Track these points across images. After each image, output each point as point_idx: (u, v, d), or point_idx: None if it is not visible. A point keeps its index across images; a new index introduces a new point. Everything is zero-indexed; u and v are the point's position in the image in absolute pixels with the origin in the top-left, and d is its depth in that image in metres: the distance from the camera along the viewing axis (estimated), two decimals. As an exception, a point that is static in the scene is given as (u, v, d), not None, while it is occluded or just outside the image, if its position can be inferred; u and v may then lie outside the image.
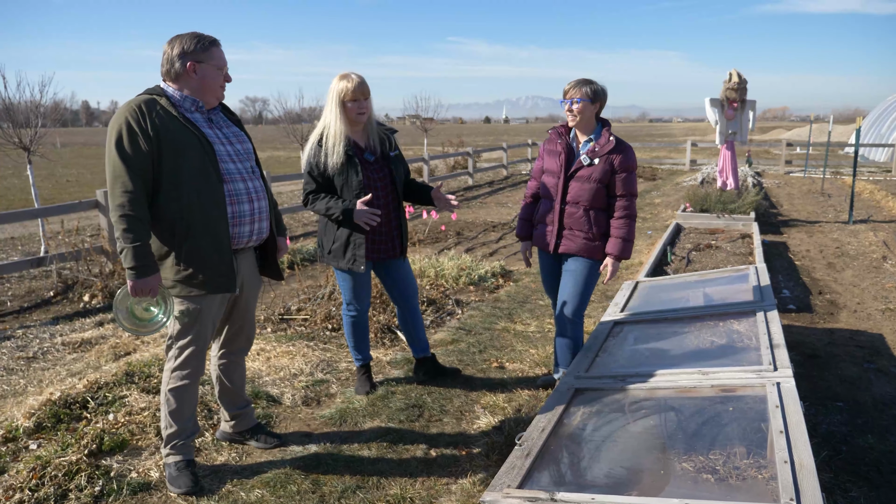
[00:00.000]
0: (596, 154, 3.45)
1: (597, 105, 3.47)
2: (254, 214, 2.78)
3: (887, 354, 4.55)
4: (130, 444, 3.18)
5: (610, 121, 3.61)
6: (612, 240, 3.49)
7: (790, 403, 2.53)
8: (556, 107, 3.78)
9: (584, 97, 3.42)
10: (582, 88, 3.43)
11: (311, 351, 4.49)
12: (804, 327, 5.17)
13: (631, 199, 3.49)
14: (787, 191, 14.50)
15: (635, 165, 3.51)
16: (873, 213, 11.05)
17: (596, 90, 3.45)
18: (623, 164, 3.44)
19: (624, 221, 3.47)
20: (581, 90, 3.42)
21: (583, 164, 3.46)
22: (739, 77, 9.51)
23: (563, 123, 3.64)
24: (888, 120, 23.60)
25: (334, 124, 3.41)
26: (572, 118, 3.48)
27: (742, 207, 9.06)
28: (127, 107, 2.52)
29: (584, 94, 3.42)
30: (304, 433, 3.39)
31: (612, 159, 3.44)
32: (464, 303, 5.74)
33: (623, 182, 3.46)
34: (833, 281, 6.66)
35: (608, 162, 3.43)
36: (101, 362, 4.42)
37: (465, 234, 9.54)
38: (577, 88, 3.43)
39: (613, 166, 3.44)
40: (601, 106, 3.50)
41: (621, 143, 3.49)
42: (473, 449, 3.23)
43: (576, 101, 3.42)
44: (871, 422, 3.53)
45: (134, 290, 2.54)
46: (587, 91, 3.42)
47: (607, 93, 3.53)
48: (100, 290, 6.00)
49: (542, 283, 3.88)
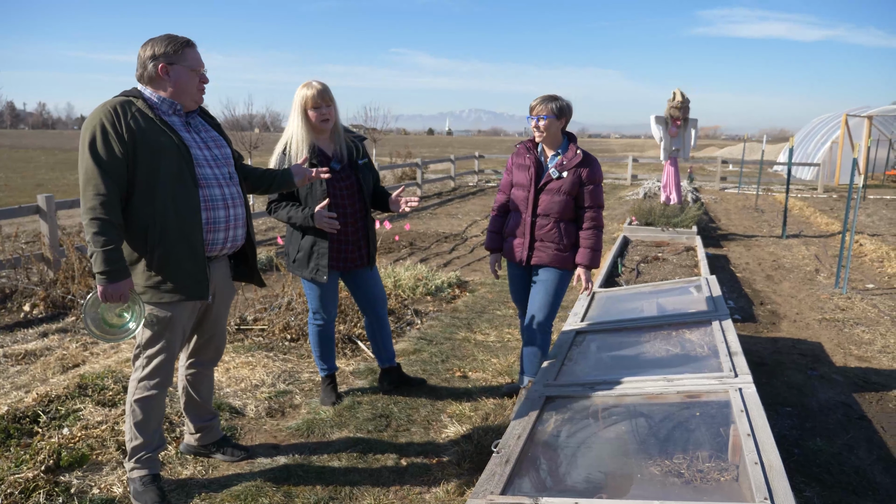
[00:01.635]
0: (564, 167, 3.54)
1: (563, 121, 3.56)
2: (229, 221, 2.73)
3: (827, 362, 4.80)
4: (90, 458, 3.06)
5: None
6: (582, 250, 3.58)
7: (754, 408, 2.65)
8: (500, 120, 3.89)
9: (550, 114, 3.50)
10: (548, 105, 3.51)
11: (272, 362, 4.42)
12: (750, 336, 5.40)
13: (598, 210, 3.60)
14: (724, 206, 15.11)
15: (601, 178, 3.62)
16: (804, 229, 11.62)
17: (562, 106, 3.53)
18: (590, 176, 3.55)
19: (592, 232, 3.57)
20: (547, 107, 3.50)
21: (552, 177, 3.54)
22: (683, 96, 9.89)
23: (530, 138, 3.72)
24: (813, 140, 24.92)
25: (297, 133, 3.42)
26: (539, 134, 3.56)
27: (685, 221, 9.39)
28: (102, 109, 2.45)
29: (549, 110, 3.50)
30: (271, 445, 3.33)
31: (580, 172, 3.54)
32: (422, 313, 5.76)
33: (591, 194, 3.56)
34: (773, 292, 6.98)
35: (576, 174, 3.53)
36: (49, 375, 4.23)
37: (418, 244, 9.56)
38: (544, 105, 3.51)
39: (581, 178, 3.53)
40: (567, 121, 3.60)
41: (588, 156, 3.60)
42: (444, 458, 3.24)
43: (542, 118, 3.50)
44: (818, 426, 3.72)
45: (104, 295, 2.46)
46: (553, 108, 3.50)
47: (572, 108, 3.63)
48: (41, 299, 5.74)
49: (511, 294, 3.94)
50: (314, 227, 3.42)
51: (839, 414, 3.88)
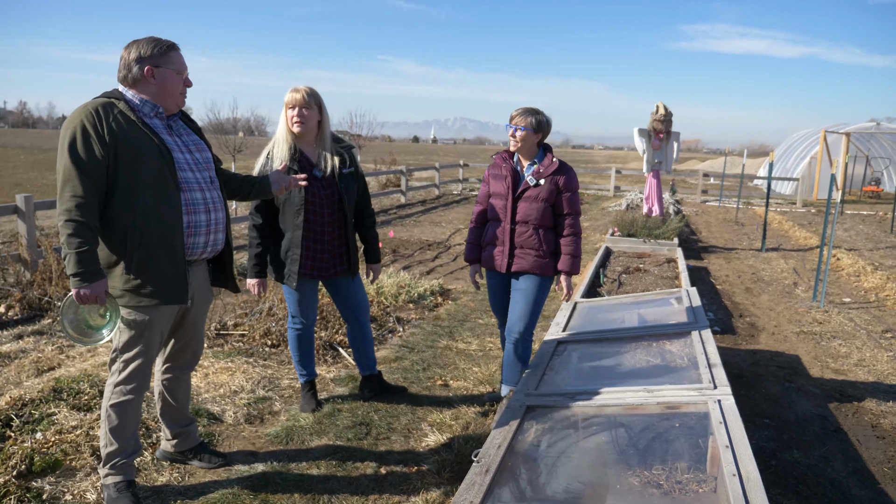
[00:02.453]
0: (541, 175, 3.59)
1: (539, 135, 3.63)
2: (210, 225, 2.71)
3: (804, 374, 4.86)
4: (63, 464, 3.01)
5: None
6: (564, 257, 3.63)
7: (732, 420, 2.67)
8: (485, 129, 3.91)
9: (528, 126, 3.56)
10: (527, 118, 3.57)
11: (251, 367, 4.38)
12: (729, 348, 5.45)
13: (576, 217, 3.66)
14: (705, 219, 15.26)
15: (577, 185, 3.69)
16: (783, 242, 11.77)
17: (540, 121, 3.60)
18: (567, 183, 3.60)
19: (572, 239, 3.63)
20: (526, 119, 3.57)
21: (529, 184, 3.59)
22: (665, 109, 10.00)
23: (506, 149, 3.78)
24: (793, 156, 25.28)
25: (278, 133, 3.45)
26: (514, 144, 3.63)
27: (667, 233, 9.47)
28: (83, 109, 2.42)
29: (528, 123, 3.57)
30: (249, 452, 3.30)
31: (557, 180, 3.59)
32: (405, 321, 5.74)
33: (568, 201, 3.62)
34: (752, 305, 7.05)
35: (553, 182, 3.58)
36: (23, 378, 4.16)
37: (401, 251, 9.55)
38: (523, 117, 3.58)
39: (558, 186, 3.59)
40: (544, 136, 3.67)
41: (564, 164, 3.66)
42: (423, 466, 3.22)
43: (520, 129, 3.57)
44: (795, 438, 3.76)
45: (79, 297, 2.42)
46: (532, 121, 3.57)
47: (551, 124, 3.71)
48: (17, 300, 5.64)
49: (491, 303, 3.95)
50: (291, 233, 3.43)
51: (816, 426, 3.92)
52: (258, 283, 3.55)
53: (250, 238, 3.53)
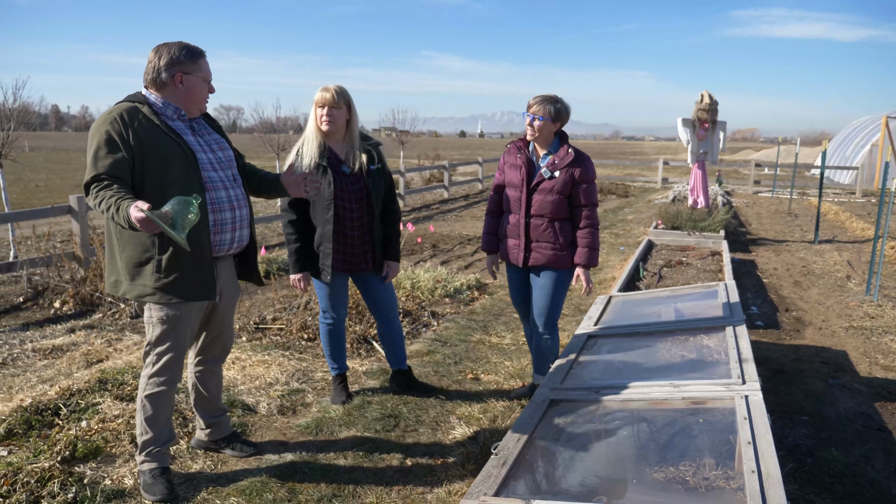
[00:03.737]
0: (556, 167, 3.55)
1: (557, 124, 3.58)
2: (235, 222, 2.79)
3: (850, 370, 4.70)
4: (104, 451, 3.16)
5: (583, 137, 3.71)
6: (580, 250, 3.59)
7: (758, 416, 2.61)
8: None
9: (546, 116, 3.51)
10: (545, 107, 3.52)
11: (287, 360, 4.49)
12: (771, 343, 5.30)
13: (593, 208, 3.61)
14: (756, 210, 14.84)
15: (594, 176, 3.63)
16: (838, 234, 11.36)
17: (559, 110, 3.54)
18: (583, 175, 3.55)
19: (588, 231, 3.59)
20: (544, 108, 3.52)
21: (544, 176, 3.56)
22: (711, 98, 9.75)
23: (521, 137, 3.74)
24: (852, 143, 24.31)
25: (308, 131, 3.54)
26: (531, 133, 3.59)
27: (712, 226, 9.26)
28: (108, 116, 2.53)
29: (546, 112, 3.51)
30: (279, 442, 3.39)
31: (573, 171, 3.54)
32: (439, 315, 5.78)
33: (584, 192, 3.57)
34: (799, 299, 6.84)
35: (569, 174, 3.54)
36: (73, 369, 4.37)
37: (440, 246, 9.60)
38: (541, 106, 3.52)
39: (574, 178, 3.54)
40: (562, 125, 3.61)
41: (580, 154, 3.60)
42: (449, 459, 3.26)
43: (537, 119, 3.52)
44: (835, 435, 3.64)
45: (142, 225, 2.29)
46: (550, 110, 3.51)
47: (570, 112, 3.64)
48: (71, 296, 5.91)
49: (511, 296, 3.96)
50: (322, 228, 3.52)
51: (858, 424, 3.79)
52: (301, 277, 3.62)
53: (286, 235, 3.61)
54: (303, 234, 3.59)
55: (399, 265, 3.83)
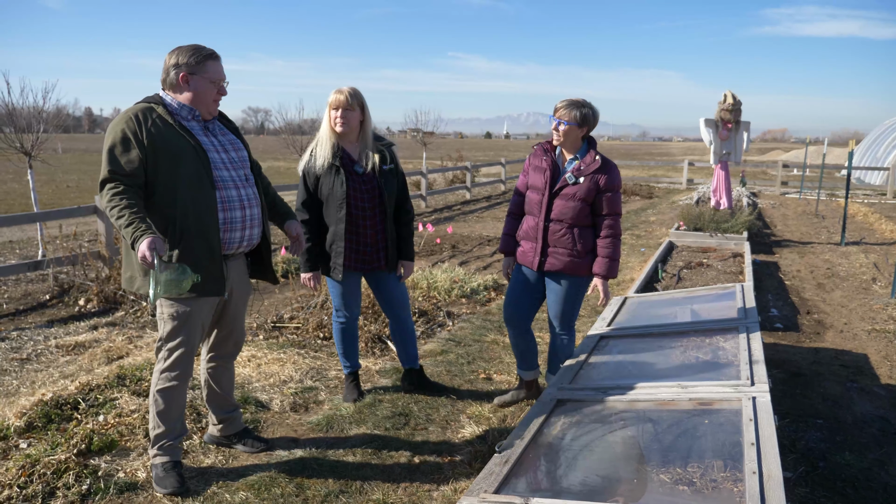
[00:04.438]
0: (581, 173, 3.46)
1: (584, 129, 3.46)
2: (245, 221, 2.85)
3: (870, 374, 4.62)
4: (119, 444, 3.24)
5: (610, 139, 3.65)
6: (600, 259, 3.50)
7: (764, 417, 2.59)
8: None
9: (573, 121, 3.41)
10: (572, 112, 3.41)
11: (302, 359, 4.55)
12: (790, 346, 5.23)
13: (616, 218, 3.51)
14: (782, 211, 14.61)
15: (620, 185, 3.53)
16: (866, 236, 11.14)
17: (585, 115, 3.42)
18: (608, 183, 3.45)
19: (610, 241, 3.49)
20: (570, 113, 3.41)
21: (568, 182, 3.47)
22: (734, 98, 9.64)
23: (548, 140, 3.65)
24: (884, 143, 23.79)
25: (322, 132, 3.59)
26: (557, 137, 3.50)
27: (735, 227, 9.15)
28: (124, 116, 2.61)
29: (572, 117, 3.41)
30: (290, 438, 3.44)
31: (598, 178, 3.44)
32: (455, 315, 5.80)
33: (608, 201, 3.47)
34: (822, 301, 6.73)
35: (593, 181, 3.44)
36: (94, 365, 4.47)
37: (460, 247, 9.62)
38: (568, 111, 3.42)
39: (599, 186, 3.45)
40: (589, 130, 3.49)
41: (607, 162, 3.50)
42: (456, 457, 3.28)
43: (563, 123, 3.42)
44: (850, 439, 3.59)
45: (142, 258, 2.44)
46: (576, 115, 3.40)
47: (598, 117, 3.50)
48: (95, 294, 6.05)
49: (507, 291, 3.81)
50: (334, 227, 3.56)
51: (874, 428, 3.73)
52: (312, 276, 3.68)
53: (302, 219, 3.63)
54: (315, 234, 3.64)
55: (413, 264, 3.87)
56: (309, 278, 3.68)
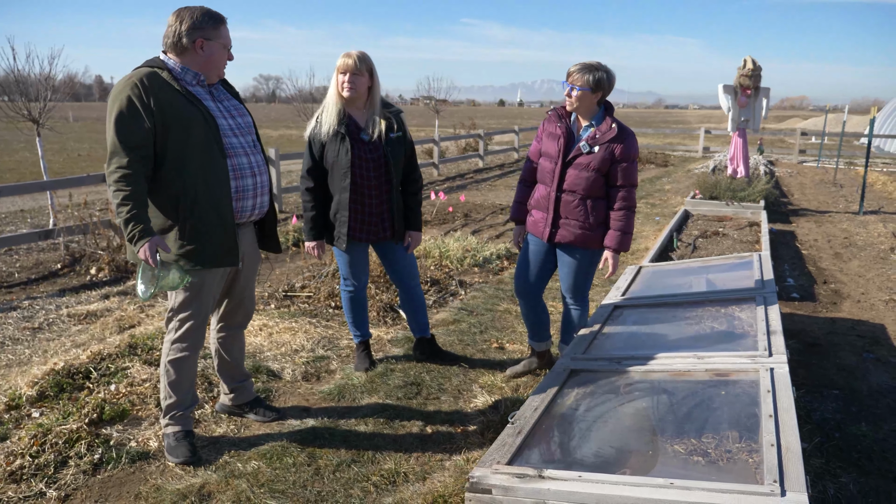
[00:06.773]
0: (596, 141, 3.31)
1: (598, 94, 3.29)
2: (256, 189, 2.80)
3: (887, 344, 4.54)
4: (131, 413, 3.24)
5: (625, 106, 3.50)
6: (612, 232, 3.38)
7: (782, 388, 2.54)
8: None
9: (585, 86, 3.24)
10: (584, 76, 3.24)
11: (314, 328, 4.54)
12: (806, 316, 5.16)
13: (631, 189, 3.36)
14: (800, 180, 14.37)
15: (637, 154, 3.37)
16: (885, 205, 10.94)
17: (599, 79, 3.24)
18: (624, 153, 3.30)
19: (623, 213, 3.35)
20: (583, 77, 3.24)
21: (582, 151, 3.33)
22: (754, 64, 9.40)
23: (563, 105, 3.47)
24: (906, 110, 23.29)
25: (328, 98, 3.50)
26: (570, 104, 3.34)
27: (752, 195, 9.00)
28: (128, 81, 2.51)
29: (584, 82, 3.24)
30: (302, 408, 3.44)
31: (613, 148, 3.30)
32: (467, 284, 5.76)
33: (623, 172, 3.32)
34: (839, 271, 6.62)
35: (608, 150, 3.30)
36: (106, 334, 4.48)
37: (472, 216, 9.55)
38: (580, 75, 3.25)
39: (614, 155, 3.30)
40: (604, 95, 3.32)
41: (623, 130, 3.34)
42: (469, 427, 3.26)
43: (576, 89, 3.26)
44: (865, 410, 3.54)
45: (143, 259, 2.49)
46: (588, 79, 3.23)
47: (613, 81, 3.32)
48: (106, 263, 6.06)
49: (518, 262, 3.73)
50: (339, 195, 3.52)
51: (890, 399, 3.67)
52: (316, 245, 3.65)
53: (304, 202, 3.61)
54: (320, 203, 3.59)
55: (421, 235, 3.80)
56: (313, 247, 3.64)
